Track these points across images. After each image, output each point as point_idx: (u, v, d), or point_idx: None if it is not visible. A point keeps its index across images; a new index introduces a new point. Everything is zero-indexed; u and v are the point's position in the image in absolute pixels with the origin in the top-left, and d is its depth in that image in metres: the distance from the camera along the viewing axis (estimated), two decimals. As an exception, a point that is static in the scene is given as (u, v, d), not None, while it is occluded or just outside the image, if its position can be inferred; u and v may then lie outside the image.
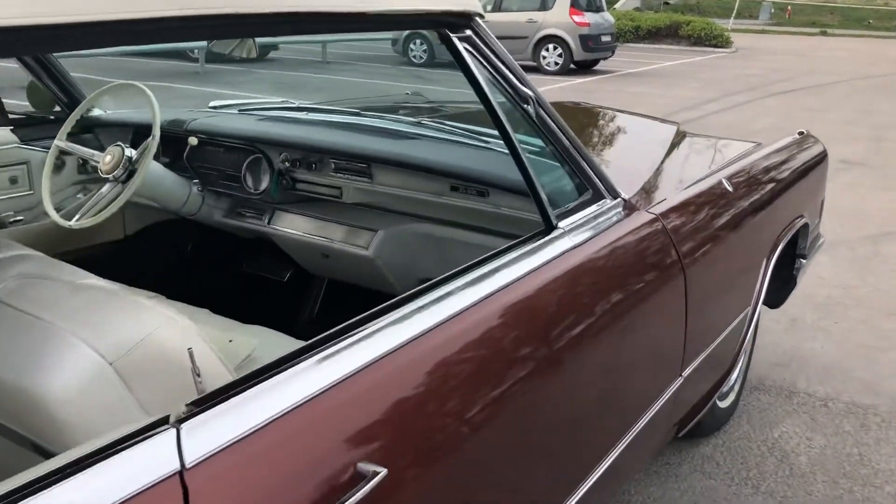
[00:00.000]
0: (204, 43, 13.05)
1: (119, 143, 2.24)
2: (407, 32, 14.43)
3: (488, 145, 2.07)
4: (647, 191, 1.91)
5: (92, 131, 2.63)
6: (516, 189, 1.85)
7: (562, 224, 1.53)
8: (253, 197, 2.39)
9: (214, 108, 2.74)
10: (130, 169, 2.19)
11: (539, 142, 1.63)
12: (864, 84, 13.94)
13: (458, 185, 2.00)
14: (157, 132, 2.14)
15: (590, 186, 1.67)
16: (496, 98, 1.44)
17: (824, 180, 3.09)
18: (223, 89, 10.66)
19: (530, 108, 1.52)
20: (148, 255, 2.78)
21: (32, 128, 2.45)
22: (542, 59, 14.20)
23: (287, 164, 2.28)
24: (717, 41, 20.88)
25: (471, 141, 2.11)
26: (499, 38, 1.47)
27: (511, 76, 1.48)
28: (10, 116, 2.48)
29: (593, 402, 1.58)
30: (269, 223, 2.43)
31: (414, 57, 14.72)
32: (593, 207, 1.65)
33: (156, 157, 2.50)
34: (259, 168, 2.37)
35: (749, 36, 25.79)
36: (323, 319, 2.80)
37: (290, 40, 14.87)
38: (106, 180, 2.21)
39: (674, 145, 2.50)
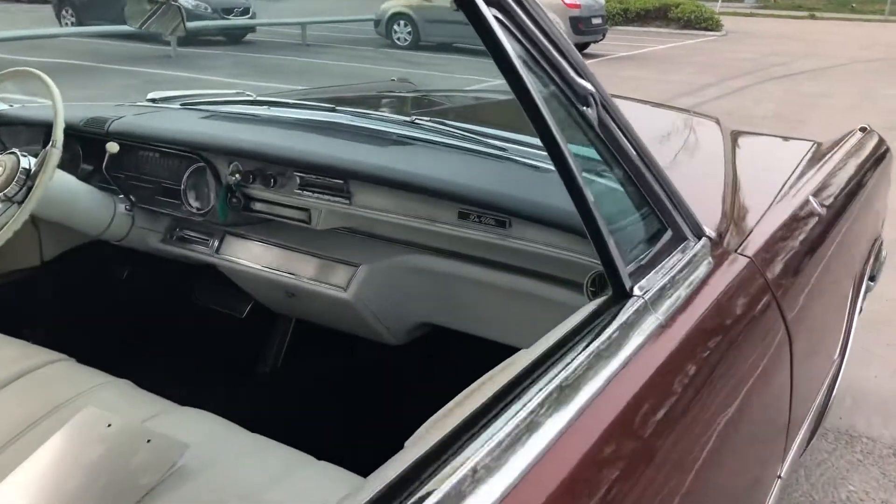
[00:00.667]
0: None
1: (14, 150, 1.68)
2: (390, 13, 13.79)
3: (506, 154, 1.54)
4: (730, 221, 1.39)
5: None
6: (552, 221, 1.32)
7: (639, 288, 1.00)
8: (195, 218, 1.85)
9: (152, 100, 2.18)
10: (28, 185, 1.64)
11: (593, 156, 1.09)
12: (862, 68, 13.51)
13: (468, 211, 1.46)
14: (58, 135, 1.60)
15: (668, 224, 1.14)
16: (540, 92, 0.90)
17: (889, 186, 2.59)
18: (196, 73, 10.04)
19: (590, 112, 0.99)
20: (71, 286, 2.23)
21: None
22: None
23: (238, 176, 1.73)
24: (707, 24, 20.39)
25: (482, 148, 1.58)
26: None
27: (563, 61, 0.95)
28: None
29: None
30: (217, 251, 1.89)
31: (398, 39, 14.07)
32: (676, 256, 1.12)
33: (73, 167, 1.96)
34: (203, 181, 1.82)
35: (738, 19, 25.33)
36: (291, 367, 2.27)
37: (270, 22, 14.22)
38: None
39: (732, 150, 1.98)
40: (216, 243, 1.89)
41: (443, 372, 1.55)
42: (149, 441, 1.26)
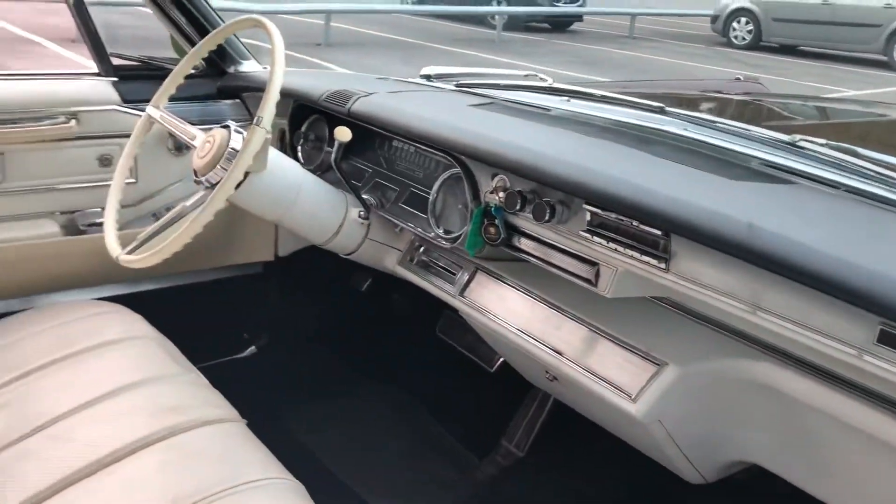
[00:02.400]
0: (506, 8, 12.44)
1: (229, 123, 1.28)
2: (732, 7, 12.48)
3: None
4: None
5: (238, 95, 1.73)
6: None
7: None
8: (439, 243, 1.32)
9: (426, 77, 1.70)
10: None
11: None
12: None
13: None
14: (266, 111, 1.16)
15: None
16: None
17: None
18: (515, 59, 9.80)
19: None
20: (304, 288, 1.86)
21: (145, 82, 1.59)
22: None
23: (501, 196, 1.16)
24: None
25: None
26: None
27: None
28: (117, 62, 1.63)
29: None
30: (463, 291, 1.34)
31: (735, 38, 12.68)
32: None
33: (316, 152, 1.55)
34: (459, 195, 1.29)
35: None
36: (541, 453, 1.68)
37: (598, 11, 13.67)
38: (199, 183, 1.28)
39: None
40: (464, 279, 1.34)
41: None
42: None
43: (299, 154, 1.65)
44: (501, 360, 1.70)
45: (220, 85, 1.71)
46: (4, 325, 1.34)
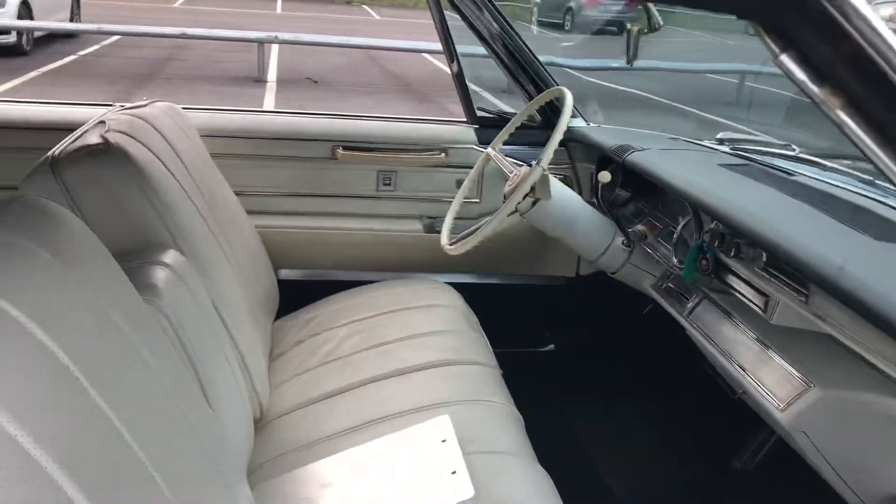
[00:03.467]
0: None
1: (532, 163, 1.79)
2: None
3: None
4: None
5: (564, 145, 2.23)
6: None
7: None
8: (673, 270, 1.67)
9: (719, 141, 2.03)
10: (530, 198, 1.74)
11: None
12: None
13: None
14: (545, 156, 1.64)
15: None
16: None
17: None
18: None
19: None
20: (596, 304, 2.29)
21: (497, 129, 2.19)
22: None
23: (708, 236, 1.49)
24: None
25: None
26: None
27: None
28: (480, 114, 2.25)
29: None
30: (690, 313, 1.66)
31: None
32: None
33: (609, 190, 1.98)
34: (689, 233, 1.63)
35: None
36: (765, 475, 1.88)
37: None
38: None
39: None
40: (693, 305, 1.67)
41: None
42: (453, 472, 1.24)
43: (599, 191, 2.10)
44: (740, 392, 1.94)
45: (548, 135, 2.24)
46: (371, 288, 2.02)
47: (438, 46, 2.19)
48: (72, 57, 10.01)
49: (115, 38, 11.51)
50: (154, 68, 9.76)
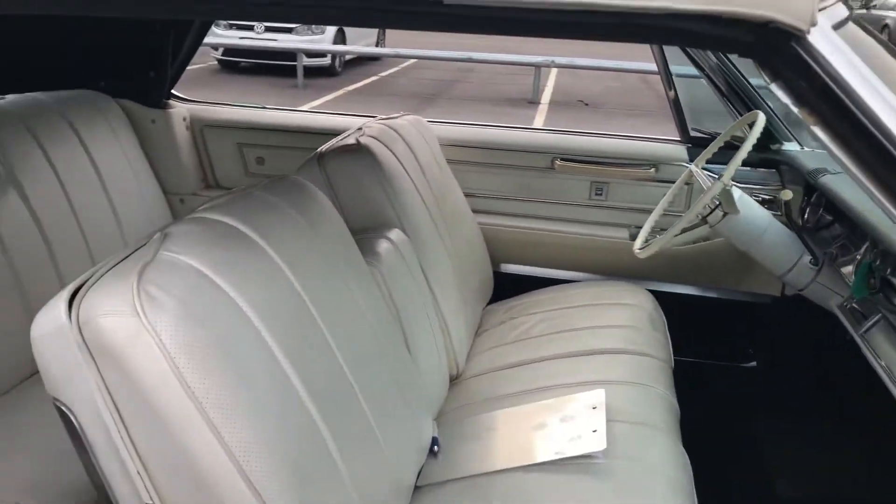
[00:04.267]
0: None
1: (720, 177, 1.93)
2: None
3: None
4: None
5: (776, 166, 2.30)
6: None
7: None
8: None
9: None
10: (720, 212, 1.89)
11: None
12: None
13: None
14: (727, 173, 1.78)
15: None
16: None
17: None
18: None
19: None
20: (799, 324, 2.32)
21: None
22: None
23: (875, 256, 1.54)
24: None
25: None
26: None
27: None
28: (694, 134, 2.39)
29: None
30: (864, 332, 1.70)
31: None
32: None
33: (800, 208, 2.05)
34: (852, 251, 1.68)
35: None
36: None
37: None
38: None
39: None
40: (870, 324, 1.70)
41: None
42: (594, 431, 1.46)
43: (807, 213, 2.15)
44: None
45: (760, 157, 2.31)
46: (574, 286, 2.27)
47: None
48: (373, 78, 11.34)
49: (412, 61, 12.80)
50: (441, 89, 10.73)
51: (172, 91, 2.51)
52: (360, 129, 1.99)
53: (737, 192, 1.88)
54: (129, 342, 0.91)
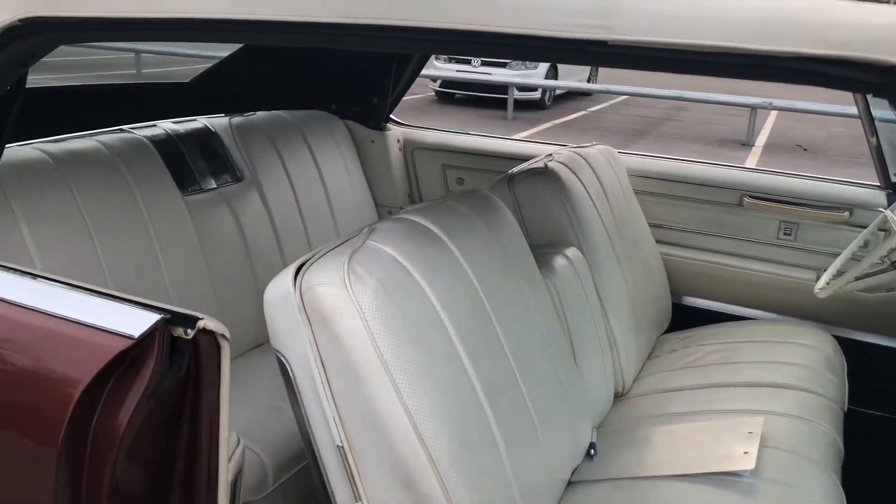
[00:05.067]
0: None
1: None
2: None
3: None
4: None
5: None
6: None
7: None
8: None
9: None
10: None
11: None
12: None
13: None
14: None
15: None
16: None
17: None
18: None
19: None
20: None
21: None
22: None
23: None
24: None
25: None
26: None
27: None
28: (894, 180, 2.31)
29: None
30: None
31: None
32: None
33: None
34: None
35: None
36: None
37: None
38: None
39: None
40: None
41: None
42: (745, 452, 1.52)
43: None
44: None
45: None
46: (754, 323, 2.27)
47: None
48: (581, 112, 11.50)
49: (623, 97, 12.80)
50: (648, 126, 10.66)
51: (391, 116, 2.83)
52: (549, 155, 2.16)
53: None
54: (337, 309, 1.13)
